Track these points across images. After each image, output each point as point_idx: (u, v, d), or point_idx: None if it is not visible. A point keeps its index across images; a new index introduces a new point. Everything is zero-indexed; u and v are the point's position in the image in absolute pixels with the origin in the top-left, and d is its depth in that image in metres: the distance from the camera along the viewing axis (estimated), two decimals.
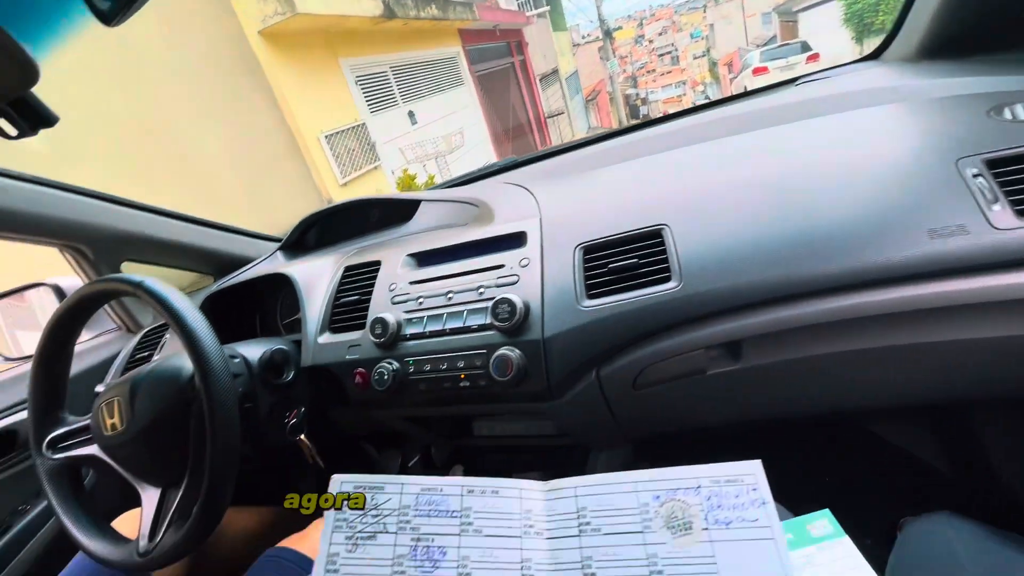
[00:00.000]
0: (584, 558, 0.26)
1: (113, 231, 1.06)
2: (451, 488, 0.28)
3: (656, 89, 32.94)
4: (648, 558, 0.25)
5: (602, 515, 0.27)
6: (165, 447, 0.70)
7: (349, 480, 0.28)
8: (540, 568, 0.27)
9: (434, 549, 0.26)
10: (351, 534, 0.27)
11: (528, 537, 0.27)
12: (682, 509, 0.26)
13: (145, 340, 1.10)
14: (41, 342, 0.75)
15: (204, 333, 0.65)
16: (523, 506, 0.28)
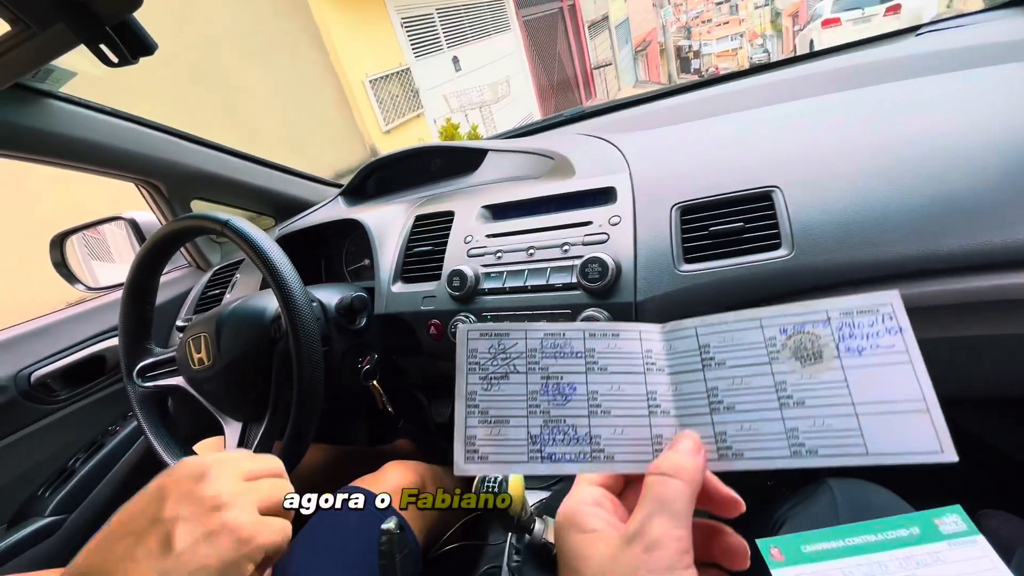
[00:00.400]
0: (710, 389, 0.27)
1: (186, 168, 1.07)
2: (573, 333, 0.29)
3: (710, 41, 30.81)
4: (776, 385, 0.26)
5: (725, 351, 0.27)
6: (248, 384, 0.72)
7: (476, 328, 0.29)
8: (666, 399, 0.28)
9: (564, 385, 0.28)
10: (484, 375, 0.28)
11: (651, 373, 0.28)
12: (811, 341, 0.26)
13: (215, 278, 1.12)
14: (130, 276, 0.77)
15: (291, 275, 0.65)
16: (643, 347, 0.29)
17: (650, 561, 0.23)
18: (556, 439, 0.28)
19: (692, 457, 0.26)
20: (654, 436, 0.28)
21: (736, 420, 0.27)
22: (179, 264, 1.25)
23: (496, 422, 0.28)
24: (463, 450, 0.28)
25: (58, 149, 0.88)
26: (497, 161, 1.03)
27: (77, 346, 0.96)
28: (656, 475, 0.25)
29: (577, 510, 0.27)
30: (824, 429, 0.25)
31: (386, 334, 0.84)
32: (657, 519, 0.24)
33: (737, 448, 0.27)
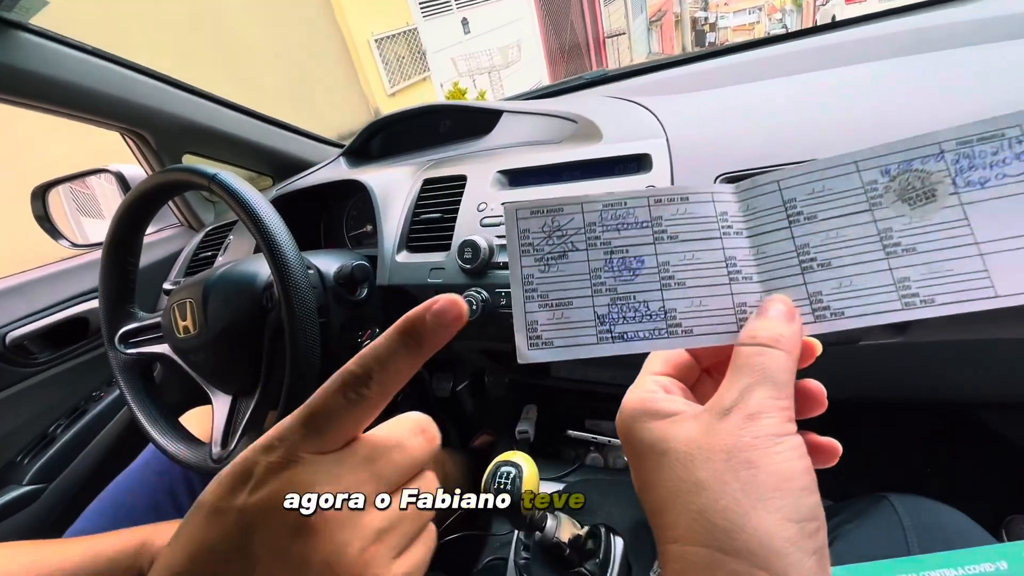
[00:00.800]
0: (799, 247, 0.24)
1: (177, 119, 0.99)
2: (635, 201, 0.26)
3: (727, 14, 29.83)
4: (881, 234, 0.23)
5: (815, 202, 0.24)
6: (238, 355, 0.67)
7: (525, 206, 0.26)
8: (747, 263, 0.25)
9: (630, 259, 0.25)
10: (540, 256, 0.26)
11: (728, 238, 0.25)
12: (921, 179, 0.23)
13: (208, 238, 1.05)
14: (110, 230, 0.71)
15: (285, 239, 0.58)
16: (717, 209, 0.26)
17: (754, 428, 0.21)
18: (626, 317, 0.25)
19: (788, 323, 0.23)
20: (737, 305, 0.25)
21: (833, 277, 0.24)
22: (170, 223, 1.17)
23: (558, 304, 0.26)
24: (525, 337, 0.26)
25: (28, 89, 0.79)
26: (512, 124, 0.95)
27: (58, 306, 0.90)
28: (752, 345, 0.23)
29: (648, 398, 0.25)
30: (941, 274, 0.22)
31: (388, 307, 0.78)
32: (759, 389, 0.22)
33: (837, 307, 0.24)
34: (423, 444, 0.24)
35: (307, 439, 0.21)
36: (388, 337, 0.22)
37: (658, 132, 0.67)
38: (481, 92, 5.86)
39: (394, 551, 0.22)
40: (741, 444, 0.20)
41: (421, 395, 1.22)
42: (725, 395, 0.22)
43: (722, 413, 0.22)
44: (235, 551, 0.20)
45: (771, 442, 0.20)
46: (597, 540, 0.58)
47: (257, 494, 0.20)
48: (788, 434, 0.21)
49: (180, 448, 0.69)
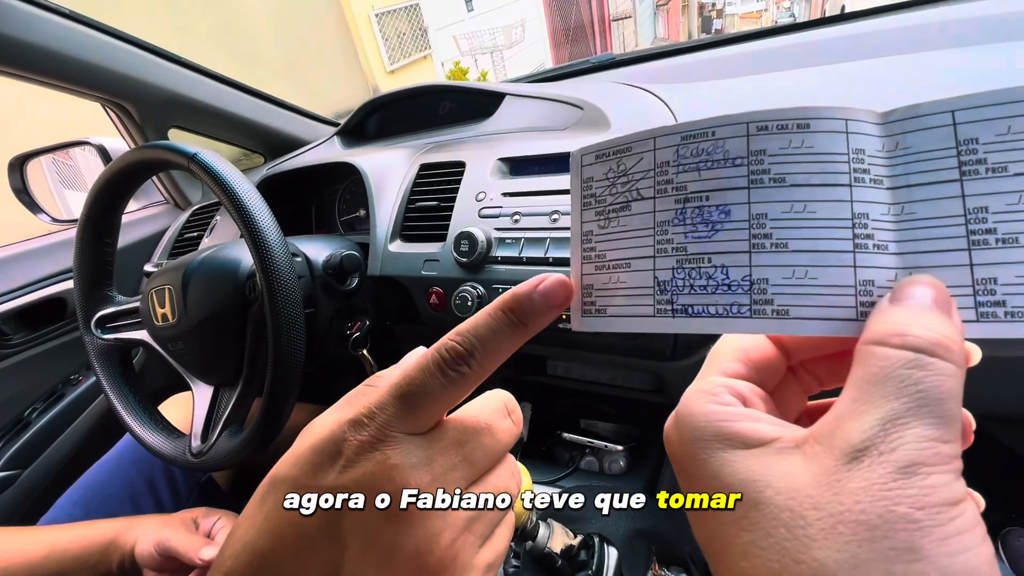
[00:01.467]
0: (972, 210, 0.17)
1: (162, 91, 0.94)
2: (728, 130, 0.19)
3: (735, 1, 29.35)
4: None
5: (1011, 147, 0.16)
6: (220, 346, 0.63)
7: (591, 150, 0.22)
8: (883, 226, 0.18)
9: (710, 209, 0.19)
10: (601, 209, 0.21)
11: (861, 187, 0.18)
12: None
13: (194, 218, 1.01)
14: (85, 209, 0.67)
15: (268, 225, 0.55)
16: (851, 144, 0.18)
17: (914, 492, 0.13)
18: (695, 285, 0.19)
19: (948, 319, 0.16)
20: (860, 283, 0.18)
21: (1021, 260, 0.16)
22: (156, 200, 1.13)
23: (615, 266, 0.21)
24: (580, 302, 0.22)
25: (3, 55, 0.74)
26: (516, 108, 0.91)
27: (34, 285, 0.86)
28: (900, 348, 0.15)
29: (723, 412, 0.18)
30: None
31: (380, 298, 0.75)
32: (916, 424, 0.14)
33: (1017, 304, 0.16)
34: (511, 427, 0.23)
35: (400, 417, 0.20)
36: (491, 314, 0.20)
37: (669, 121, 0.64)
38: (483, 72, 5.73)
39: (481, 539, 0.21)
40: (894, 516, 0.13)
41: None
42: (854, 422, 0.15)
43: (851, 454, 0.14)
44: (323, 534, 0.19)
45: (945, 516, 0.13)
46: (590, 550, 0.56)
47: (348, 474, 0.19)
48: (962, 500, 0.14)
49: (158, 439, 0.66)
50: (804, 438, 0.16)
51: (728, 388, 0.19)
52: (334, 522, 0.19)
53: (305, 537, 0.19)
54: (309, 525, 0.19)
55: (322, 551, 0.19)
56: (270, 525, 0.19)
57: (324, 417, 0.21)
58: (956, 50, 0.63)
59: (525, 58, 7.29)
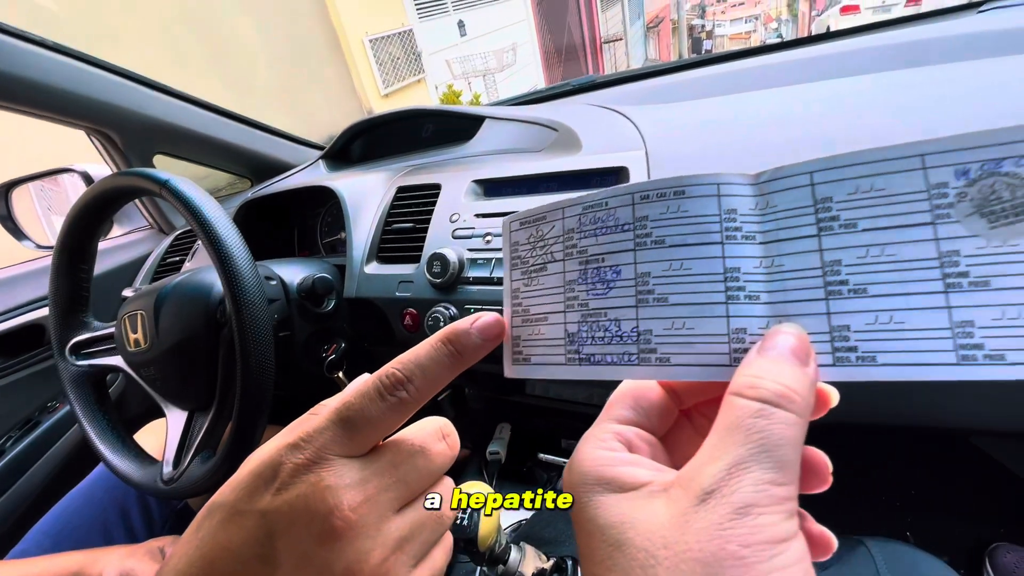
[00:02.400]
0: (828, 263, 0.18)
1: (146, 119, 0.95)
2: (617, 199, 0.21)
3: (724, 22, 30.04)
4: (942, 257, 0.17)
5: (858, 206, 0.18)
6: (192, 371, 0.63)
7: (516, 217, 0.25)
8: (754, 279, 0.20)
9: (605, 270, 0.22)
10: (525, 269, 0.24)
11: (733, 244, 0.20)
12: (1012, 187, 0.17)
13: (176, 243, 1.02)
14: (60, 237, 0.67)
15: (237, 251, 0.55)
16: (722, 205, 0.20)
17: (744, 531, 0.15)
18: (595, 337, 0.22)
19: (801, 367, 0.17)
20: (733, 331, 0.19)
21: (869, 309, 0.18)
22: (139, 225, 1.13)
23: (535, 320, 0.24)
24: (510, 352, 0.24)
25: None
26: (495, 130, 0.92)
27: (11, 312, 0.86)
28: (752, 400, 0.17)
29: (606, 459, 0.19)
30: (1018, 323, 0.17)
31: (356, 320, 0.75)
32: (754, 468, 0.16)
33: (867, 350, 0.18)
34: (445, 451, 0.23)
35: (337, 441, 0.20)
36: (432, 345, 0.22)
37: (637, 144, 0.65)
38: (476, 95, 5.83)
39: (414, 559, 0.21)
40: (725, 553, 0.15)
41: None
42: (706, 469, 0.16)
43: (700, 496, 0.16)
44: (256, 556, 0.19)
45: (767, 553, 0.15)
46: (563, 573, 0.55)
47: (282, 496, 0.19)
48: (789, 538, 0.15)
49: (130, 466, 0.65)
50: (672, 482, 0.17)
51: (616, 434, 0.20)
52: (267, 545, 0.19)
53: (239, 561, 0.19)
54: (243, 550, 0.19)
55: (255, 571, 0.19)
56: (203, 552, 0.19)
57: (266, 444, 0.22)
58: (940, 67, 0.64)
59: (518, 80, 7.42)
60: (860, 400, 0.60)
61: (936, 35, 0.77)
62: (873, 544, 0.39)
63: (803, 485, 0.18)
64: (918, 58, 0.70)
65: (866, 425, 0.60)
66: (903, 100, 0.59)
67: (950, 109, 0.53)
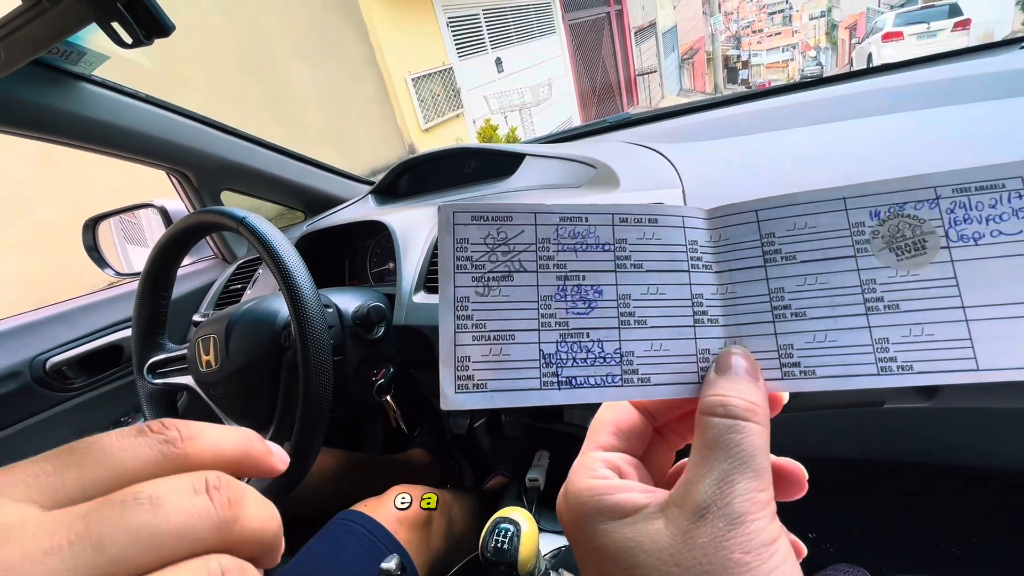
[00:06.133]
0: (773, 290, 0.21)
1: (217, 159, 1.05)
2: (598, 218, 0.22)
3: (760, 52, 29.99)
4: (863, 285, 0.21)
5: (796, 241, 0.22)
6: (255, 391, 0.68)
7: (466, 209, 0.22)
8: (714, 302, 0.22)
9: (586, 288, 0.22)
10: (479, 275, 0.21)
11: (696, 271, 0.22)
12: (912, 227, 0.20)
13: (239, 272, 1.10)
14: (146, 267, 0.75)
15: (303, 282, 0.60)
16: (687, 236, 0.22)
17: (743, 539, 0.17)
18: (576, 358, 0.21)
19: (757, 384, 0.20)
20: (700, 351, 0.22)
21: (808, 330, 0.21)
22: (204, 255, 1.23)
23: (497, 337, 0.21)
24: (452, 376, 0.21)
25: (88, 133, 0.86)
26: (535, 167, 0.97)
27: (95, 334, 0.94)
28: (723, 418, 0.19)
29: (602, 487, 0.20)
30: (922, 339, 0.20)
31: (404, 346, 0.79)
32: (740, 480, 0.18)
33: (808, 364, 0.21)
34: (202, 508, 0.13)
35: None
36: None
37: (674, 182, 0.68)
38: (512, 128, 6.01)
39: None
40: (731, 562, 0.16)
41: (437, 432, 1.21)
42: (697, 487, 0.18)
43: (697, 514, 0.17)
44: None
45: (766, 554, 0.17)
46: None
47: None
48: (778, 537, 0.17)
49: None
50: (666, 502, 0.19)
51: (605, 461, 0.21)
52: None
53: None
54: None
55: None
56: None
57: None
58: (981, 104, 0.65)
59: (553, 114, 7.61)
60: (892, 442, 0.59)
61: (978, 72, 0.77)
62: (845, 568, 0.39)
63: (784, 493, 0.21)
64: (960, 95, 0.70)
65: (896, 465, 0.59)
66: (941, 137, 0.59)
67: (985, 148, 0.54)
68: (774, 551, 0.17)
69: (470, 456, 1.20)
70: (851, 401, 0.51)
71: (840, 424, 0.55)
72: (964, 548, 0.80)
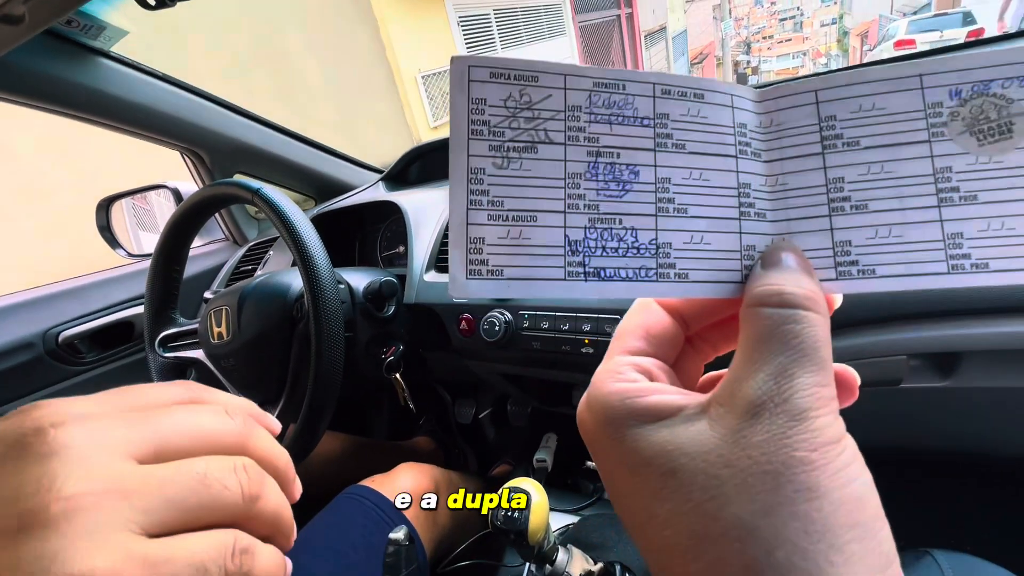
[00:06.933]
0: (831, 180, 0.19)
1: (231, 140, 1.06)
2: (638, 86, 0.19)
3: (770, 58, 29.89)
4: (936, 173, 0.18)
5: (860, 124, 0.19)
6: (267, 363, 0.69)
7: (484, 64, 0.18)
8: (762, 194, 0.20)
9: (621, 167, 0.19)
10: (498, 143, 0.18)
11: (744, 159, 0.19)
12: (998, 107, 0.17)
13: (250, 253, 1.10)
14: (160, 240, 0.75)
15: (318, 252, 0.61)
16: (736, 118, 0.20)
17: (807, 435, 0.15)
18: (607, 247, 0.19)
19: (813, 277, 0.18)
20: (745, 247, 0.19)
21: (869, 224, 0.19)
22: (216, 237, 1.24)
23: (516, 218, 0.18)
24: (463, 259, 0.18)
25: (106, 108, 0.87)
26: None
27: (108, 309, 0.95)
28: (780, 307, 0.17)
29: (631, 388, 0.18)
30: (1002, 233, 0.18)
31: (413, 325, 0.79)
32: (801, 373, 0.15)
33: (867, 263, 0.18)
34: (237, 488, 0.17)
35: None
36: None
37: None
38: None
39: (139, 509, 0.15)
40: (794, 460, 0.14)
41: (443, 421, 1.21)
42: (749, 381, 0.16)
43: (750, 412, 0.15)
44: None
45: (833, 452, 0.15)
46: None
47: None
48: (844, 436, 0.15)
49: None
50: (708, 403, 0.17)
51: (633, 365, 0.19)
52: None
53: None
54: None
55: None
56: None
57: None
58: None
59: None
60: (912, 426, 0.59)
61: None
62: (940, 555, 0.39)
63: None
64: None
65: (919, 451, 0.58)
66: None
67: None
68: (841, 449, 0.15)
69: (475, 445, 1.20)
70: (867, 379, 0.51)
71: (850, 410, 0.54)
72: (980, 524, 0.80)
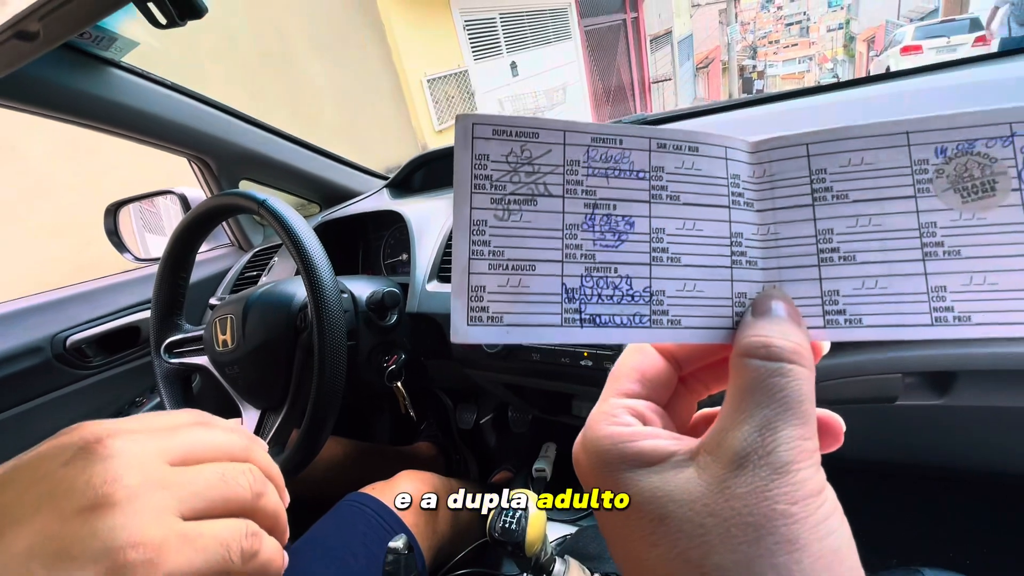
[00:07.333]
0: (821, 231, 0.20)
1: (237, 148, 1.07)
2: (634, 140, 0.20)
3: (776, 63, 29.88)
4: (921, 228, 0.19)
5: (849, 177, 0.20)
6: (270, 371, 0.69)
7: (487, 121, 0.20)
8: (754, 242, 0.20)
9: (617, 219, 0.20)
10: (499, 196, 0.19)
11: (737, 209, 0.20)
12: (981, 166, 0.18)
13: (255, 259, 1.12)
14: (168, 246, 0.76)
15: (322, 263, 0.62)
16: (729, 169, 0.20)
17: (788, 488, 0.15)
18: (602, 295, 0.19)
19: (801, 328, 0.18)
20: (736, 295, 0.20)
21: (856, 275, 0.19)
22: (221, 243, 1.25)
23: (516, 267, 0.19)
24: (465, 307, 0.19)
25: (116, 117, 0.88)
26: None
27: (115, 314, 0.96)
28: (767, 361, 0.17)
29: (624, 433, 0.18)
30: (984, 288, 0.18)
31: (415, 334, 0.80)
32: (784, 427, 0.16)
33: (854, 312, 0.19)
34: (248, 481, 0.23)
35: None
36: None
37: None
38: None
39: (179, 498, 0.20)
40: (775, 513, 0.15)
41: (444, 426, 1.22)
42: (735, 432, 0.16)
43: (735, 462, 0.16)
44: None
45: (814, 505, 0.15)
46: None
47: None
48: (824, 488, 0.16)
49: None
50: (696, 449, 0.17)
51: (627, 408, 0.19)
52: (17, 465, 0.20)
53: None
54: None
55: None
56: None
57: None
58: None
59: (567, 118, 7.61)
60: (905, 442, 0.59)
61: (1002, 77, 0.77)
62: (931, 574, 0.39)
63: (820, 445, 0.19)
64: (980, 100, 0.70)
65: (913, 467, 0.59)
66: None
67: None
68: (822, 502, 0.15)
69: (476, 451, 1.21)
70: (862, 396, 0.51)
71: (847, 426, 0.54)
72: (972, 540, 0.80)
